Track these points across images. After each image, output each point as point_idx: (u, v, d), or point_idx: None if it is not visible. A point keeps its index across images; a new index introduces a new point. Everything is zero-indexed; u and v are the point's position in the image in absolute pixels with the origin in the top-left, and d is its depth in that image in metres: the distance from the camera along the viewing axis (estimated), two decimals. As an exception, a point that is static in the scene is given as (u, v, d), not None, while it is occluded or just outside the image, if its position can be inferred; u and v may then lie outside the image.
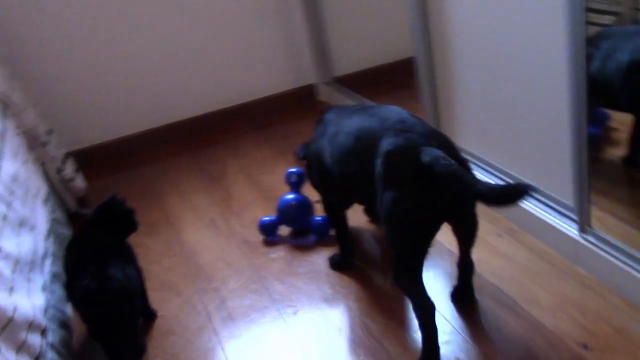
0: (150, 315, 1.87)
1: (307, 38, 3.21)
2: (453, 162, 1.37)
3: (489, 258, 1.84)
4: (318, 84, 3.31)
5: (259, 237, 2.19)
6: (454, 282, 1.74)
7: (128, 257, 1.73)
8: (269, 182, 2.57)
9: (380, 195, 1.47)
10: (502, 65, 1.92)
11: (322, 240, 2.10)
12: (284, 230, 2.19)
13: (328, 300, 1.83)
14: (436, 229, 1.48)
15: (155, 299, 1.91)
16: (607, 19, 2.06)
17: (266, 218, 2.18)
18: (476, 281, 1.72)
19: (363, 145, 1.57)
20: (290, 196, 2.15)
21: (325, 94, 3.29)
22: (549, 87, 1.74)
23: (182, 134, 3.12)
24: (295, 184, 2.17)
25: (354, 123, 1.65)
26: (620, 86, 1.85)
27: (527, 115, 1.88)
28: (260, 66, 3.20)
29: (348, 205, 1.94)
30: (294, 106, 3.27)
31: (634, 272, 1.57)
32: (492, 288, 1.73)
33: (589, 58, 1.66)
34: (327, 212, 1.96)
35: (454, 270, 1.74)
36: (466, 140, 2.19)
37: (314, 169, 1.86)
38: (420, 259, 1.49)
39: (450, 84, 2.22)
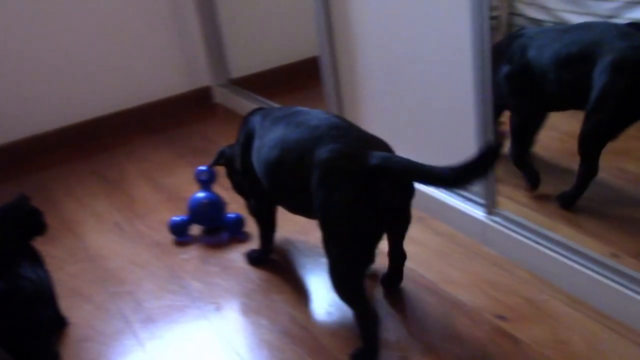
0: (61, 323, 1.76)
1: (202, 39, 3.18)
2: (404, 157, 1.36)
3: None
4: (214, 86, 3.28)
5: (169, 238, 2.13)
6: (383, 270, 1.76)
7: (37, 259, 1.63)
8: (173, 183, 2.51)
9: (322, 203, 1.41)
10: (406, 62, 2.01)
11: (235, 237, 2.08)
12: (194, 230, 2.15)
13: (250, 295, 1.82)
14: (382, 233, 1.47)
15: (63, 306, 1.80)
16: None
17: (176, 218, 2.13)
18: (395, 266, 1.77)
19: (294, 157, 1.49)
20: (201, 194, 2.12)
21: (222, 96, 3.27)
22: (453, 83, 1.84)
23: (75, 139, 2.97)
24: (205, 182, 2.13)
25: (279, 134, 1.57)
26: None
27: (432, 111, 1.97)
28: (154, 68, 3.12)
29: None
30: (191, 108, 3.22)
31: (540, 247, 1.69)
32: (411, 272, 1.80)
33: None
34: (255, 213, 1.89)
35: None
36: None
37: (238, 176, 1.84)
38: (366, 266, 1.46)
39: (355, 82, 2.29)
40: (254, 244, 2.01)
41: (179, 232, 2.12)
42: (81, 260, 2.08)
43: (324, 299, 1.76)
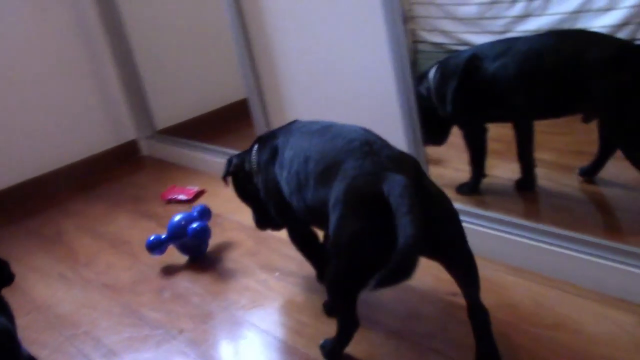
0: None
1: (123, 95, 3.23)
2: (409, 194, 1.21)
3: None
4: (140, 139, 3.31)
5: (119, 280, 2.12)
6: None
7: (3, 306, 1.60)
8: (114, 231, 2.51)
9: (336, 219, 1.33)
10: (334, 95, 2.14)
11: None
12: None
13: (212, 315, 1.84)
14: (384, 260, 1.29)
15: (20, 354, 1.75)
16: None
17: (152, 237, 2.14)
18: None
19: (326, 168, 1.41)
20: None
21: (149, 148, 3.30)
22: (383, 116, 1.95)
23: (6, 203, 2.91)
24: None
25: (312, 145, 1.49)
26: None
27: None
28: (79, 128, 3.13)
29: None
30: (120, 163, 3.23)
31: (475, 227, 1.82)
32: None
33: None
34: (296, 241, 1.76)
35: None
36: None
37: (248, 184, 1.79)
38: (362, 287, 1.37)
39: (285, 120, 2.39)
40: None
41: (159, 249, 2.15)
42: (30, 311, 2.03)
43: (293, 311, 1.81)
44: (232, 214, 2.44)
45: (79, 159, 3.14)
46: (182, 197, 2.66)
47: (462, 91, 1.98)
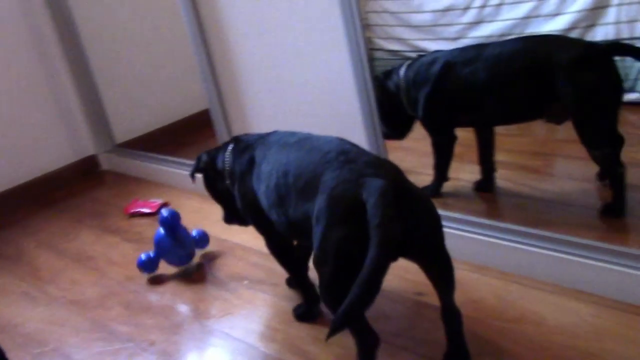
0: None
1: (81, 110, 3.20)
2: (383, 203, 1.22)
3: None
4: (99, 153, 3.28)
5: (85, 295, 2.11)
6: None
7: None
8: (77, 246, 2.48)
9: (320, 230, 1.32)
10: (296, 101, 2.17)
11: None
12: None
13: (182, 326, 1.85)
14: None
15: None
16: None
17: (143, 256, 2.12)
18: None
19: (306, 183, 1.42)
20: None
21: (109, 162, 3.27)
22: (344, 120, 2.00)
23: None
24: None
25: (290, 159, 1.50)
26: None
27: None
28: (38, 144, 3.09)
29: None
30: (79, 178, 3.19)
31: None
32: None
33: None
34: (273, 251, 1.75)
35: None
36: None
37: (218, 182, 1.79)
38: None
39: (248, 129, 2.42)
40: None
41: (150, 268, 2.12)
42: (-6, 332, 2.00)
43: (261, 316, 1.82)
44: (197, 226, 2.44)
45: (38, 176, 3.09)
46: (145, 210, 2.65)
47: (435, 98, 2.01)
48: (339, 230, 1.29)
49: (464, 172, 2.22)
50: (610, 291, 1.57)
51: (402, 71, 2.10)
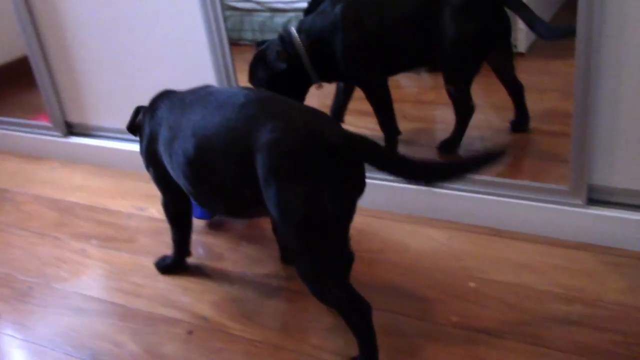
0: None
1: None
2: (363, 136, 1.18)
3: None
4: None
5: None
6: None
7: None
8: None
9: (277, 192, 1.18)
10: (126, 43, 2.05)
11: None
12: None
13: (31, 294, 1.68)
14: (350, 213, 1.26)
15: None
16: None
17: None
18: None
19: (223, 145, 1.26)
20: None
21: None
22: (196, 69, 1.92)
23: None
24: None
25: (196, 120, 1.32)
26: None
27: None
28: None
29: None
30: None
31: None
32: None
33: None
34: (169, 212, 1.61)
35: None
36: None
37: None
38: (342, 254, 1.31)
39: (73, 75, 2.22)
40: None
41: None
42: None
43: (120, 273, 1.72)
44: (22, 188, 2.22)
45: None
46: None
47: (350, 45, 1.83)
48: (303, 184, 1.16)
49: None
50: (460, 216, 1.72)
51: (293, 32, 1.84)
